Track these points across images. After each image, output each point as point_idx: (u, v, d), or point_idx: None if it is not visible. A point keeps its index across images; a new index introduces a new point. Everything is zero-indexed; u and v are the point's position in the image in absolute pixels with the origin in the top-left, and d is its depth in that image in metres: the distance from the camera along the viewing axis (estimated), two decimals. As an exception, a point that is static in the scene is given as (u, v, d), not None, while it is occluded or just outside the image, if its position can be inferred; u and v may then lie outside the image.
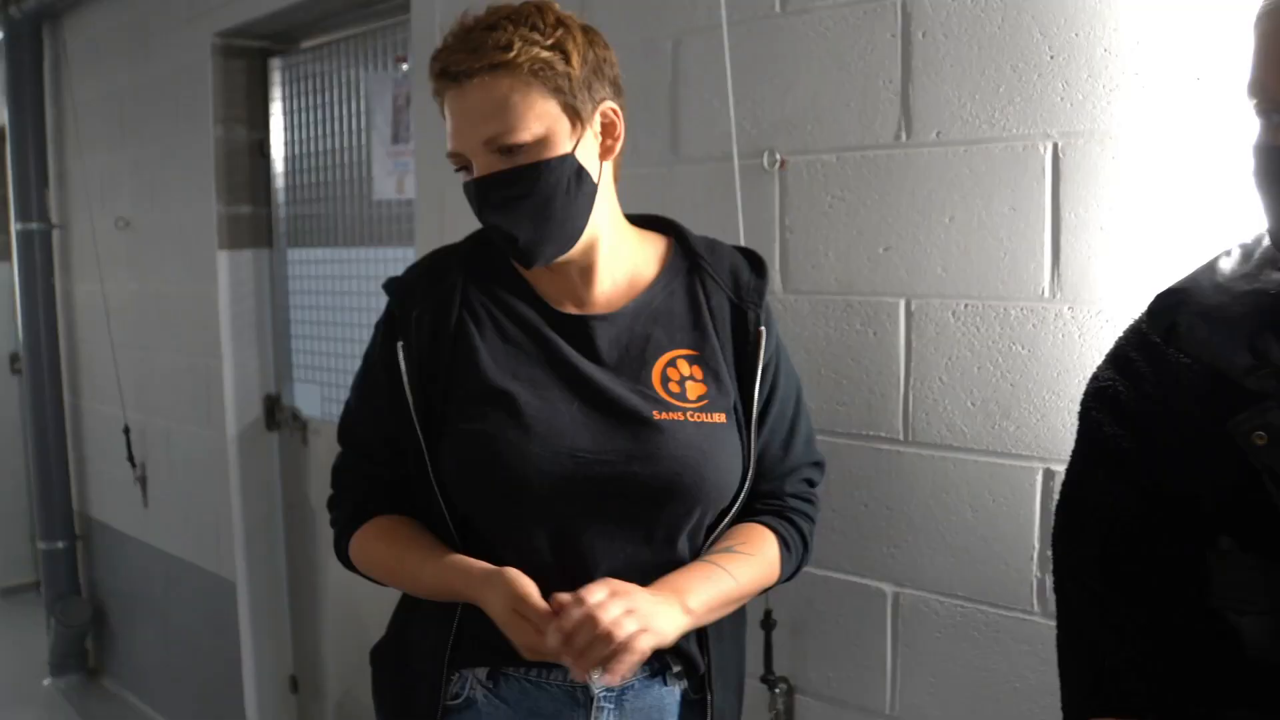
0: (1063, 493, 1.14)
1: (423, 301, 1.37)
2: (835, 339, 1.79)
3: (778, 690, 1.87)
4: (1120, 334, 1.11)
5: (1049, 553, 1.17)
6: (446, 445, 1.33)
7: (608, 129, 1.35)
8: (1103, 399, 1.08)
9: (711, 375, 1.36)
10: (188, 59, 3.39)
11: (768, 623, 1.84)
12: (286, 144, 3.36)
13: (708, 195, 1.92)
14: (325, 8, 2.96)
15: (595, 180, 1.33)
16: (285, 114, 3.35)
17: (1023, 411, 1.59)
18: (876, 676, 1.79)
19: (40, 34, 4.18)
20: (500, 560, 1.28)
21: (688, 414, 1.32)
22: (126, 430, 3.99)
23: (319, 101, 3.19)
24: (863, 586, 1.80)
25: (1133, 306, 1.18)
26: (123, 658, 4.44)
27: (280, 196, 3.42)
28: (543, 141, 1.27)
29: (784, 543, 1.41)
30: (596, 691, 1.34)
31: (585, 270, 1.37)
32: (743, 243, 1.84)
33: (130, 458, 4.00)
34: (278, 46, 3.32)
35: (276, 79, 3.36)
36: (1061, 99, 1.52)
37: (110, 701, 4.41)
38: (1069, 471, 1.14)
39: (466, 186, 1.32)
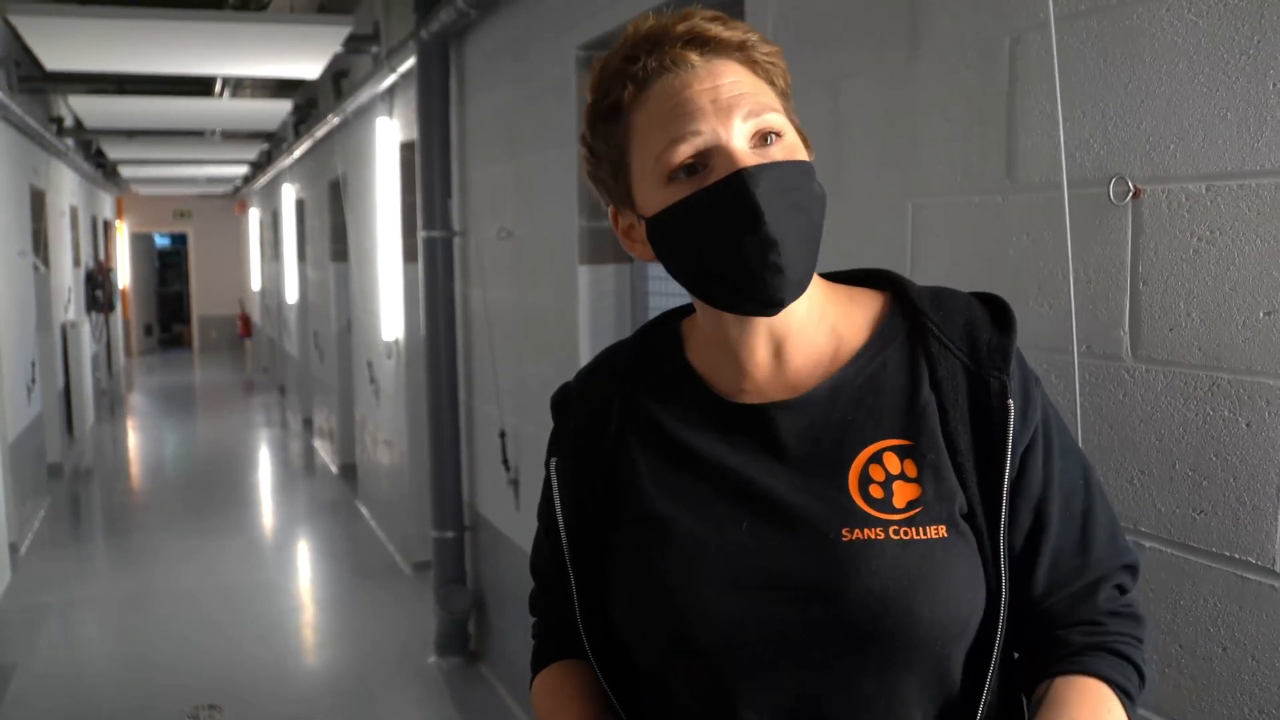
0: None
1: (580, 412, 1.15)
2: (1195, 426, 1.36)
3: None
4: None
5: None
6: (609, 585, 1.10)
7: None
8: None
9: (930, 472, 1.01)
10: (556, 73, 3.40)
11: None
12: (649, 157, 3.27)
13: (1046, 232, 1.54)
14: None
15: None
16: (648, 127, 3.25)
17: None
18: None
19: (447, 54, 4.43)
20: None
21: (890, 529, 0.98)
22: (502, 434, 4.12)
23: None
24: (1215, 756, 1.36)
25: None
26: (498, 648, 4.62)
27: (643, 211, 3.33)
28: (790, 140, 1.02)
29: (1124, 694, 1.03)
30: None
31: (778, 338, 1.06)
32: (1073, 298, 1.46)
33: (505, 460, 4.13)
34: (641, 57, 3.23)
35: (640, 91, 3.27)
36: None
37: (484, 688, 4.60)
38: None
39: (721, 190, 0.97)
